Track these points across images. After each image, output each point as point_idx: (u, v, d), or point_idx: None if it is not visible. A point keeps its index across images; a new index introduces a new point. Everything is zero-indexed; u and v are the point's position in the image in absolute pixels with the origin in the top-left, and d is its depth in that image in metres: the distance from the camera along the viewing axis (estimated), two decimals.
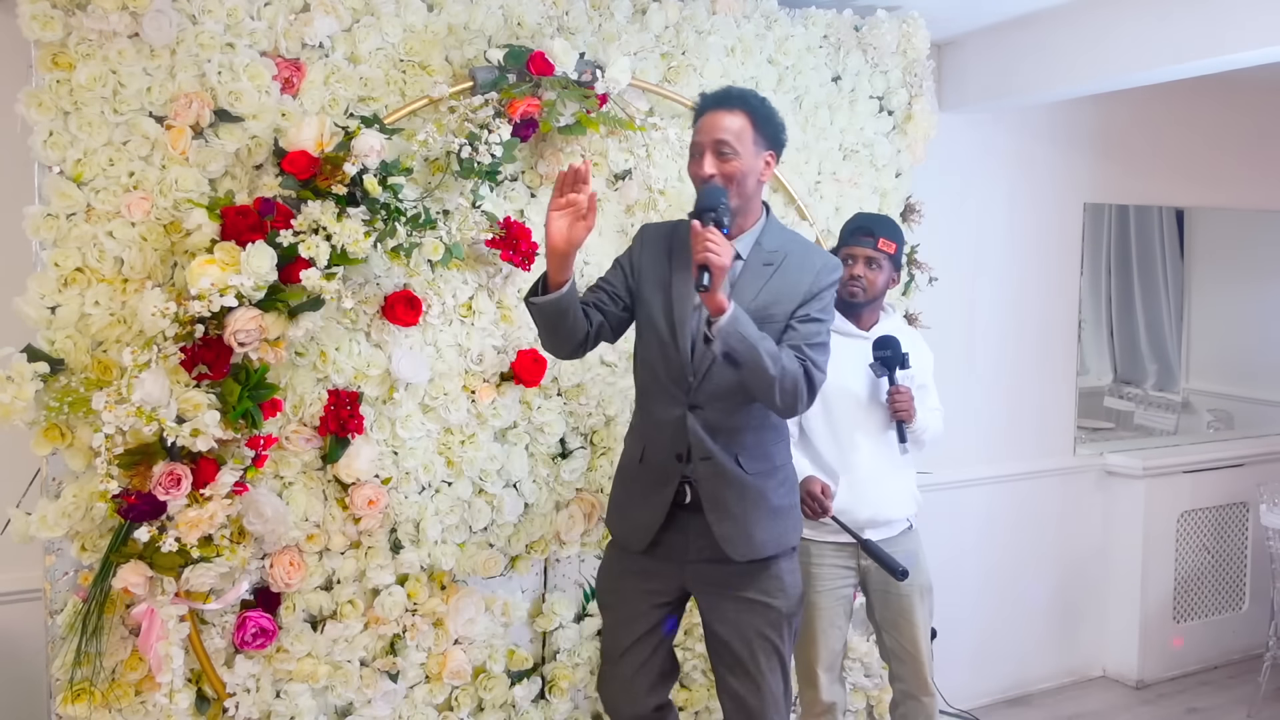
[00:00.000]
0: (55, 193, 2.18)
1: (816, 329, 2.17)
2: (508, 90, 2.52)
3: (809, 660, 2.74)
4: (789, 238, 2.28)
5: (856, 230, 2.71)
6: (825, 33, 3.12)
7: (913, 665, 2.77)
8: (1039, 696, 4.08)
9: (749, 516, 2.20)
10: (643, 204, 2.82)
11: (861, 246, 2.68)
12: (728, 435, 2.20)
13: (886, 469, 2.70)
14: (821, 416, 2.68)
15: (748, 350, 2.01)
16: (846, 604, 2.77)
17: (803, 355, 2.11)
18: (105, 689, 2.23)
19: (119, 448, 2.16)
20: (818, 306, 2.18)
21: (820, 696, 2.75)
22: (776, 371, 2.04)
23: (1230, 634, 4.43)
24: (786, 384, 2.06)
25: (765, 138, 2.18)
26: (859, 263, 2.69)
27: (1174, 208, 4.90)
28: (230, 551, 2.29)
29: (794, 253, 2.22)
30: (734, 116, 2.14)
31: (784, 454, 2.31)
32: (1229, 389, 5.03)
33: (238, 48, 2.32)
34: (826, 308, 2.21)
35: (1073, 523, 4.19)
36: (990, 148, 3.86)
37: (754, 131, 2.15)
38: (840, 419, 2.69)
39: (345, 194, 2.29)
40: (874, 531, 2.68)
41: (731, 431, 2.20)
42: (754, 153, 2.15)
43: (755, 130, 2.15)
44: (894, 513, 2.73)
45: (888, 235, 2.69)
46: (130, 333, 2.23)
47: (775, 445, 2.28)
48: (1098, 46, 3.15)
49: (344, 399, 2.43)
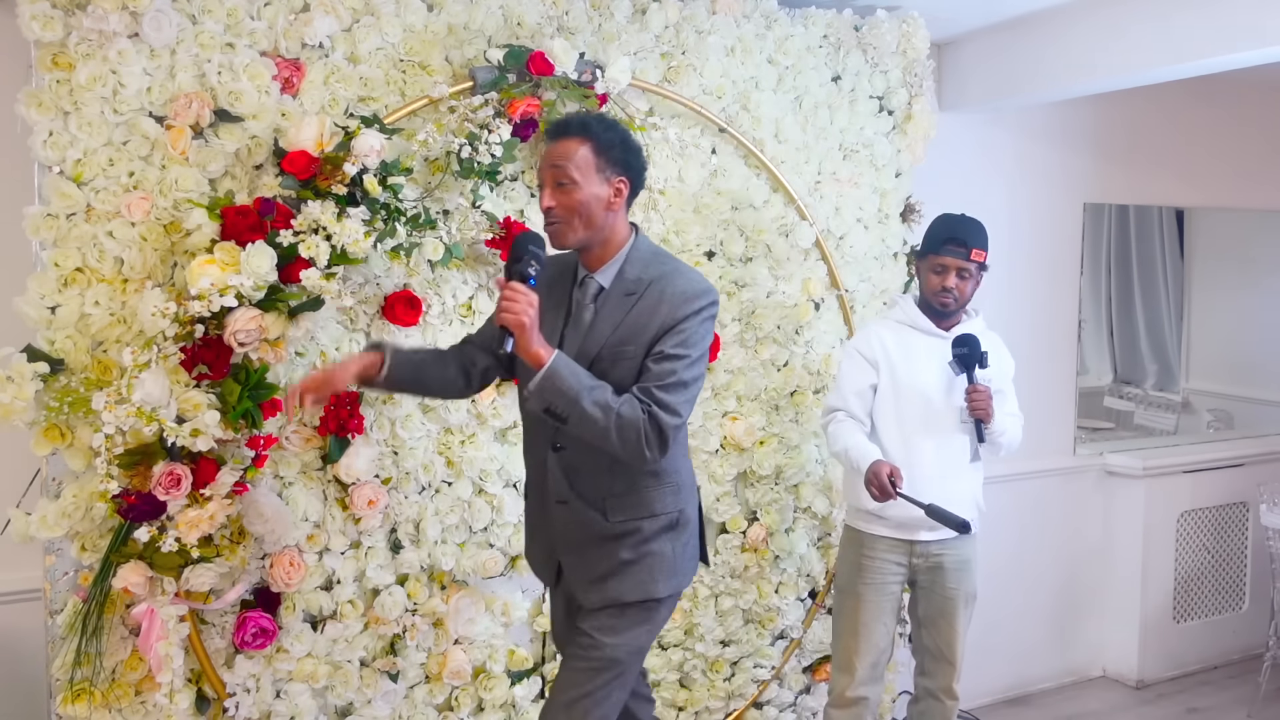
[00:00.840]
0: (55, 193, 2.18)
1: (671, 368, 1.97)
2: (508, 90, 2.52)
3: (848, 650, 2.73)
4: (658, 264, 2.09)
5: (949, 240, 2.66)
6: (825, 33, 3.13)
7: (944, 666, 2.77)
8: (1039, 696, 4.08)
9: (604, 564, 2.08)
10: (643, 204, 2.82)
11: (954, 257, 2.65)
12: (593, 479, 2.07)
13: (950, 470, 2.66)
14: (891, 412, 2.68)
15: (568, 405, 1.90)
16: (894, 601, 2.75)
17: (648, 399, 1.94)
18: (105, 689, 2.23)
19: (119, 448, 2.16)
20: (674, 341, 1.98)
21: (852, 688, 2.72)
22: (608, 422, 1.91)
23: (1230, 634, 4.43)
24: (626, 434, 1.92)
25: (612, 163, 2.05)
26: (950, 273, 2.66)
27: (1174, 208, 4.90)
28: (230, 551, 2.29)
29: (658, 280, 2.04)
30: (572, 143, 2.03)
31: (669, 501, 2.11)
32: (1229, 389, 5.03)
33: (238, 48, 2.32)
34: (687, 341, 1.99)
35: (1073, 523, 4.19)
36: (990, 148, 3.86)
37: (597, 158, 2.02)
38: (909, 417, 2.67)
39: (345, 194, 2.29)
40: (929, 531, 2.66)
41: (596, 475, 2.06)
42: (598, 180, 2.03)
43: (598, 156, 2.03)
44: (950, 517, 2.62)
45: (980, 244, 2.66)
46: (130, 333, 2.23)
47: (657, 492, 2.09)
48: (1098, 47, 3.15)
49: (344, 399, 2.43)
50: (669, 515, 2.11)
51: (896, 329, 2.76)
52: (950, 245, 2.65)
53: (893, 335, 2.75)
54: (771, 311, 3.04)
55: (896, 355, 2.71)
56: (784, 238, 3.05)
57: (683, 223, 2.89)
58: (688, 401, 2.00)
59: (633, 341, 2.01)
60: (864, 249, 3.22)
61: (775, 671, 3.15)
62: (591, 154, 2.03)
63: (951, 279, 2.65)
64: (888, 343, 2.73)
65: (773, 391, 3.08)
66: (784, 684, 3.18)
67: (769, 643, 3.12)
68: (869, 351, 2.73)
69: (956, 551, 2.71)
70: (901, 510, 2.57)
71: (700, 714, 3.03)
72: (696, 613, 2.98)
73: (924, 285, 2.75)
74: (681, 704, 3.00)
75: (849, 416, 2.71)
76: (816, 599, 3.20)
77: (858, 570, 2.70)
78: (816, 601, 3.20)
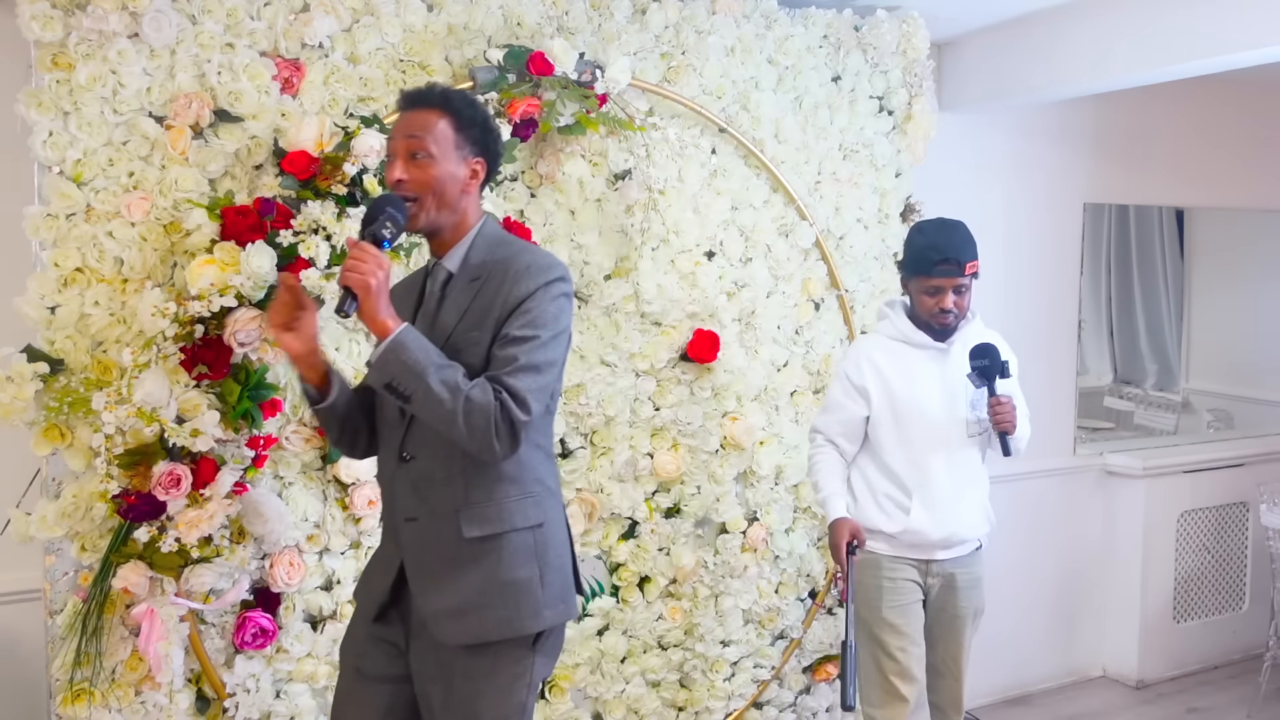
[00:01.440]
0: (55, 193, 2.18)
1: (514, 352, 1.78)
2: (507, 90, 2.52)
3: (891, 677, 2.54)
4: (504, 246, 1.93)
5: (941, 262, 2.48)
6: (825, 33, 3.13)
7: (951, 682, 2.67)
8: (1039, 696, 4.08)
9: (462, 590, 1.82)
10: (643, 204, 2.82)
11: (948, 277, 2.49)
12: (444, 490, 1.84)
13: (963, 487, 2.55)
14: (894, 436, 2.54)
15: (413, 381, 1.71)
16: (917, 619, 2.60)
17: (499, 385, 1.75)
18: (105, 689, 2.23)
19: (119, 448, 2.16)
20: (520, 322, 1.80)
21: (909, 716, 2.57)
22: (455, 405, 1.71)
23: (1230, 634, 4.42)
24: (474, 420, 1.72)
25: (470, 142, 1.89)
26: (946, 294, 2.50)
27: (1174, 208, 4.90)
28: (230, 551, 2.29)
29: (502, 260, 1.87)
30: (432, 115, 1.85)
31: (531, 513, 1.87)
32: (1229, 389, 5.03)
33: (238, 48, 2.32)
34: (535, 321, 1.80)
35: (1073, 523, 4.19)
36: (990, 148, 3.86)
37: (456, 134, 1.86)
38: (915, 439, 2.53)
39: (345, 194, 2.29)
40: (945, 552, 2.57)
41: (448, 484, 1.84)
42: (455, 158, 1.87)
43: (458, 133, 1.87)
44: (969, 532, 2.58)
45: (972, 255, 2.51)
46: (130, 333, 2.23)
47: (518, 502, 1.86)
48: (1098, 46, 3.15)
49: None
50: (530, 529, 1.87)
51: (889, 347, 2.60)
52: (942, 266, 2.48)
53: (885, 355, 2.58)
54: (771, 311, 3.04)
55: (893, 377, 2.56)
56: (784, 238, 3.05)
57: (683, 223, 2.89)
58: (540, 390, 1.79)
59: (478, 327, 1.83)
60: (864, 249, 3.22)
61: (775, 671, 3.15)
62: (451, 129, 1.86)
63: (949, 299, 2.50)
64: (881, 365, 2.57)
65: (773, 391, 3.08)
66: (784, 684, 3.18)
67: (769, 643, 3.12)
68: (859, 380, 2.57)
69: (969, 570, 2.62)
70: (917, 531, 2.52)
71: (700, 714, 3.03)
72: (696, 613, 2.98)
73: (916, 305, 2.58)
74: (681, 704, 3.00)
75: (829, 443, 2.63)
76: (816, 599, 3.20)
77: (880, 593, 2.55)
78: (816, 601, 3.20)
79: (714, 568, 3.01)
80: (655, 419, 2.89)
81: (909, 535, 2.53)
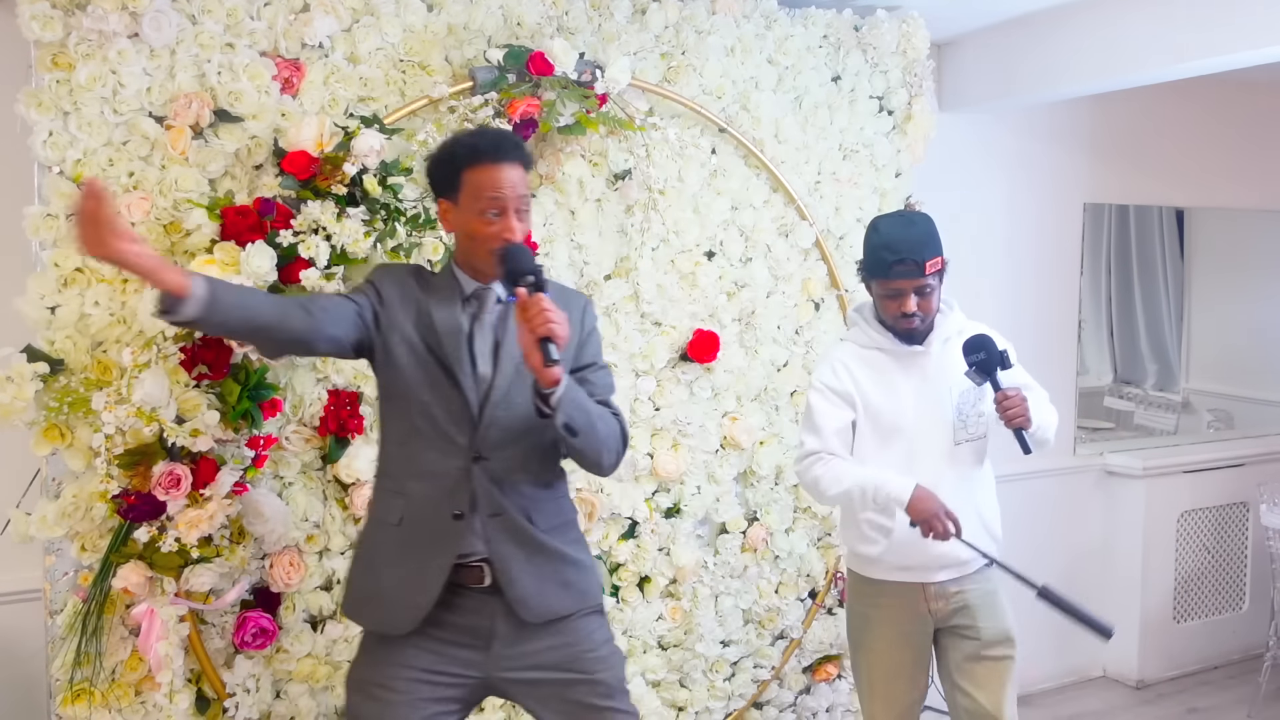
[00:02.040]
0: (55, 193, 2.18)
1: (605, 378, 2.04)
2: (507, 90, 2.52)
3: (870, 714, 2.41)
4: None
5: (896, 263, 2.24)
6: (825, 33, 3.13)
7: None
8: (1039, 696, 4.08)
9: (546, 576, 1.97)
10: (643, 204, 2.82)
11: (907, 279, 2.25)
12: (515, 488, 1.96)
13: (957, 500, 2.25)
14: (873, 446, 2.33)
15: (584, 418, 1.87)
16: (917, 654, 2.39)
17: (612, 409, 1.98)
18: (105, 689, 2.23)
19: (119, 448, 2.16)
20: (593, 350, 2.04)
21: None
22: (607, 433, 1.93)
23: (1230, 634, 4.42)
24: (620, 443, 1.98)
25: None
26: (908, 297, 2.26)
27: (1174, 208, 4.90)
28: (230, 551, 2.29)
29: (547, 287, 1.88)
30: (525, 172, 1.94)
31: (569, 507, 2.11)
32: (1229, 389, 5.03)
33: (237, 48, 2.32)
34: (600, 347, 2.08)
35: (1073, 523, 4.18)
36: (990, 148, 3.86)
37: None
38: (898, 449, 2.31)
39: (345, 194, 2.29)
40: (946, 572, 2.34)
41: (522, 483, 1.97)
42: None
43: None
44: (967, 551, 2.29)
45: (933, 253, 2.26)
46: (130, 333, 2.23)
47: (567, 499, 2.10)
48: (1098, 46, 3.15)
49: (344, 399, 2.43)
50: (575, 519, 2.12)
51: (863, 355, 2.37)
52: (899, 267, 2.24)
53: (860, 365, 2.36)
54: (771, 311, 3.04)
55: (870, 389, 2.34)
56: (784, 238, 3.05)
57: (683, 223, 2.89)
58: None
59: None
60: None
61: (775, 671, 3.15)
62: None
63: (911, 303, 2.26)
64: (857, 375, 2.35)
65: (773, 391, 3.08)
66: (784, 684, 3.18)
67: (769, 643, 3.12)
68: (840, 386, 2.35)
69: (980, 584, 2.36)
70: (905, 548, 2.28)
71: (700, 714, 3.02)
72: (696, 613, 2.97)
73: (879, 308, 2.36)
74: (681, 704, 3.00)
75: (829, 454, 2.32)
76: (816, 599, 3.20)
77: (865, 623, 2.39)
78: (816, 601, 3.19)
79: (714, 568, 3.01)
80: (655, 419, 2.89)
81: (895, 556, 2.33)
